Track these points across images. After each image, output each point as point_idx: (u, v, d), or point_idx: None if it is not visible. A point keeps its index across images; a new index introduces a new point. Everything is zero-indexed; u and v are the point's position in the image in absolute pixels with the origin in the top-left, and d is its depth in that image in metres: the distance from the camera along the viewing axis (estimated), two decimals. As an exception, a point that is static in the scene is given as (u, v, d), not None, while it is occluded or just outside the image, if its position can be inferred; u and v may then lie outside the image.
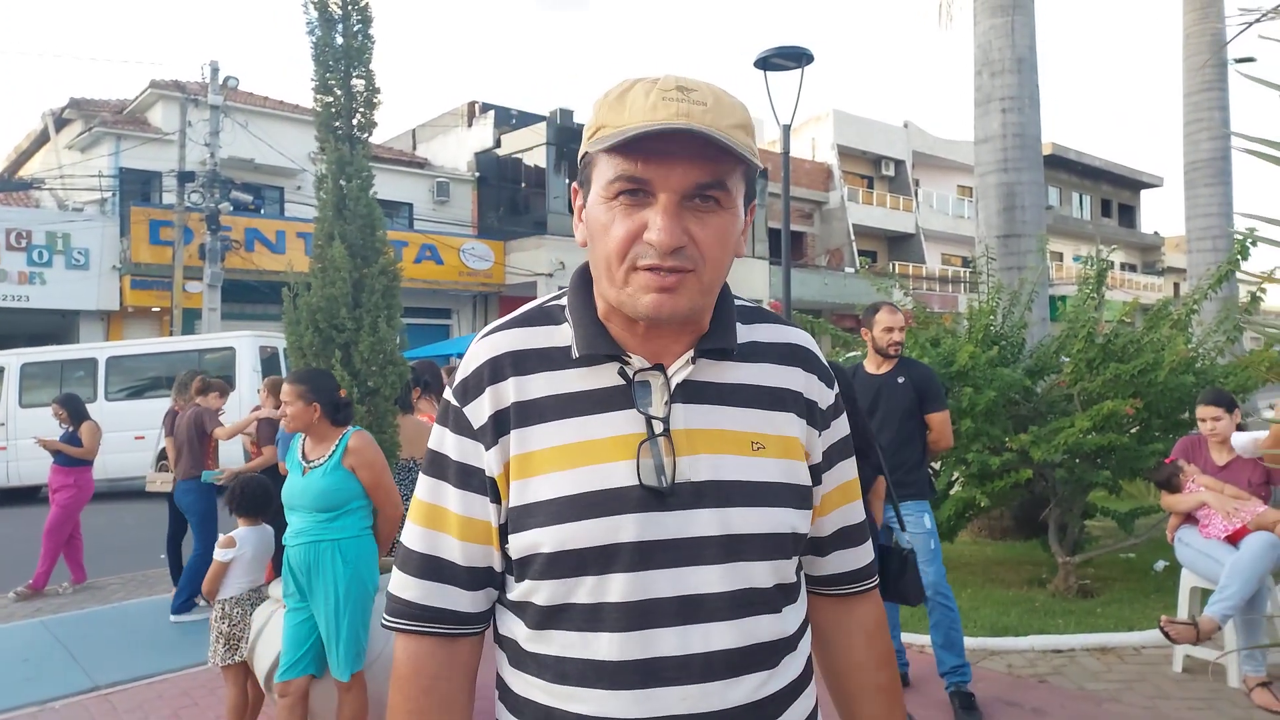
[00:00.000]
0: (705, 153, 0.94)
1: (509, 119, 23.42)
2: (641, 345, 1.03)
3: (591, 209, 1.00)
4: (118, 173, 17.62)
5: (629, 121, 0.93)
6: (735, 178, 0.98)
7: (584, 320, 1.04)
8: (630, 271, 0.96)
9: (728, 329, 1.06)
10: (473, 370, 1.05)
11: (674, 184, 0.94)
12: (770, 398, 1.08)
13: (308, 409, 3.32)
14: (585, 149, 1.00)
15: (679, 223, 0.94)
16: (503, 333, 1.08)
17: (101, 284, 16.85)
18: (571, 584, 0.98)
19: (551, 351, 1.05)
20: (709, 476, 1.01)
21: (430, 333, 20.60)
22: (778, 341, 1.12)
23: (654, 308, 0.95)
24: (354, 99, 4.23)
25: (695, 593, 0.98)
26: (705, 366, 1.05)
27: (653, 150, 0.93)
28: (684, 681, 0.97)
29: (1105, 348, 5.60)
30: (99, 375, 12.94)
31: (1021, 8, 7.93)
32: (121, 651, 5.22)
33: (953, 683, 3.92)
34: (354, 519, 3.29)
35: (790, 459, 1.07)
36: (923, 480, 4.10)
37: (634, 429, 1.00)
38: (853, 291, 23.74)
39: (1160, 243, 41.71)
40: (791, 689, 1.06)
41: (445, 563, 1.04)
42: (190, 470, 6.04)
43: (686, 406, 1.03)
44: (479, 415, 1.03)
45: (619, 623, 0.97)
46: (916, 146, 31.79)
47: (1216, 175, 10.35)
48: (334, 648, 3.21)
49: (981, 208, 8.04)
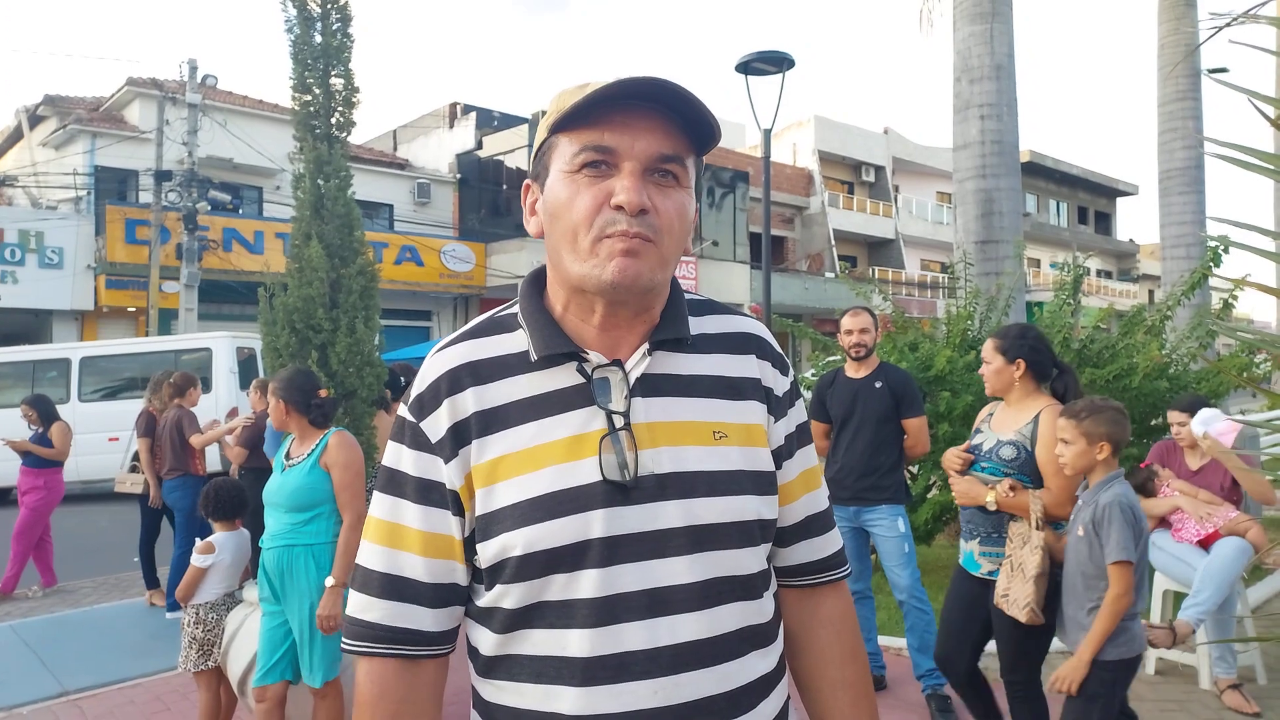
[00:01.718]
0: (666, 127, 0.98)
1: (491, 121, 23.36)
2: (598, 339, 1.04)
3: (552, 189, 1.02)
4: (93, 171, 17.41)
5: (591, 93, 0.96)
6: (690, 161, 1.02)
7: (539, 322, 1.05)
8: (596, 241, 0.98)
9: (680, 320, 1.08)
10: (428, 385, 1.05)
11: (638, 151, 0.97)
12: (729, 387, 1.09)
13: (276, 405, 3.32)
14: (544, 134, 1.03)
15: (645, 189, 0.97)
16: (456, 346, 1.08)
17: (76, 283, 16.63)
18: (542, 584, 0.98)
19: (508, 359, 1.05)
20: (671, 468, 1.01)
21: (410, 335, 20.48)
22: (731, 331, 1.14)
23: (620, 271, 0.97)
24: (333, 98, 4.21)
25: (662, 585, 0.99)
26: (662, 359, 1.06)
27: (617, 119, 0.97)
28: (654, 674, 0.97)
29: (1080, 353, 5.65)
30: (72, 376, 12.76)
31: (1000, 16, 8.00)
32: (92, 656, 5.14)
33: (929, 685, 3.94)
34: (329, 524, 3.25)
35: (753, 446, 1.07)
36: (898, 484, 4.12)
37: (595, 426, 1.01)
38: (833, 296, 23.87)
39: (1135, 250, 42.23)
40: (764, 682, 1.06)
41: (408, 581, 1.03)
42: (175, 468, 6.00)
43: (646, 400, 1.03)
44: (436, 429, 1.03)
45: (589, 618, 0.97)
46: (896, 153, 32.02)
47: (1190, 183, 10.49)
48: (307, 654, 3.17)
49: (960, 214, 8.10)
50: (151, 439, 6.24)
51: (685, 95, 0.97)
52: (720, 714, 1.01)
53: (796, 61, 8.84)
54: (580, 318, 1.05)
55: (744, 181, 24.84)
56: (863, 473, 4.07)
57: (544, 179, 1.04)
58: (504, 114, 23.60)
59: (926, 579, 4.30)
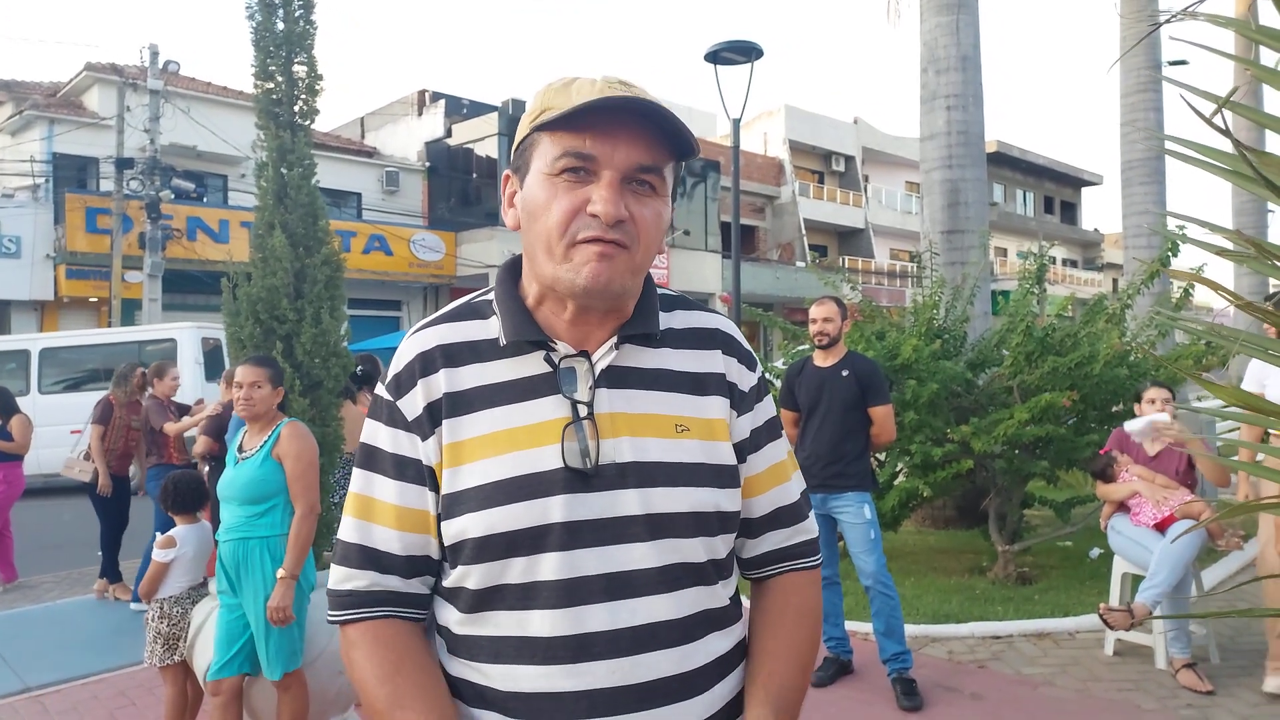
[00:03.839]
0: (647, 138, 1.01)
1: (460, 109, 23.14)
2: (568, 331, 1.07)
3: (531, 189, 1.04)
4: (51, 158, 17.02)
5: (577, 103, 0.98)
6: (668, 170, 1.05)
7: (511, 310, 1.08)
8: (571, 246, 1.00)
9: (650, 316, 1.10)
10: (404, 365, 1.08)
11: (618, 161, 0.99)
12: (692, 382, 1.11)
13: (274, 394, 3.29)
14: (527, 131, 1.05)
15: (622, 198, 1.00)
16: (432, 328, 1.11)
17: (34, 273, 16.28)
18: (502, 566, 1.01)
19: (480, 344, 1.08)
20: (632, 458, 1.04)
21: (380, 325, 20.29)
22: (699, 327, 1.16)
23: (593, 276, 0.99)
24: (296, 85, 4.14)
25: (622, 569, 1.01)
26: (629, 352, 1.09)
27: (600, 127, 0.99)
28: (613, 655, 1.00)
29: (1044, 341, 5.75)
30: (32, 367, 12.51)
31: (966, 7, 8.07)
32: (54, 651, 5.07)
33: (894, 669, 4.00)
34: (284, 515, 3.22)
35: (714, 440, 1.10)
36: (864, 472, 4.17)
37: (560, 414, 1.04)
38: (804, 286, 23.97)
39: (1100, 239, 42.88)
40: (721, 663, 1.08)
41: (383, 554, 1.06)
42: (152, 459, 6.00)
43: (610, 391, 1.06)
44: (413, 407, 1.06)
45: (551, 600, 1.00)
46: (866, 142, 32.20)
47: (1151, 174, 10.66)
48: (264, 647, 3.15)
49: (927, 204, 8.18)
50: (105, 427, 6.22)
51: (666, 115, 0.99)
52: (674, 695, 1.03)
53: (765, 51, 8.87)
54: (552, 311, 1.07)
55: (715, 171, 24.85)
56: (829, 460, 4.12)
57: (524, 174, 1.06)
58: (473, 101, 23.37)
59: (892, 565, 4.37)
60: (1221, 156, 1.13)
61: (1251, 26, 0.95)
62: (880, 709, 3.90)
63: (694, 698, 1.05)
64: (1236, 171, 1.11)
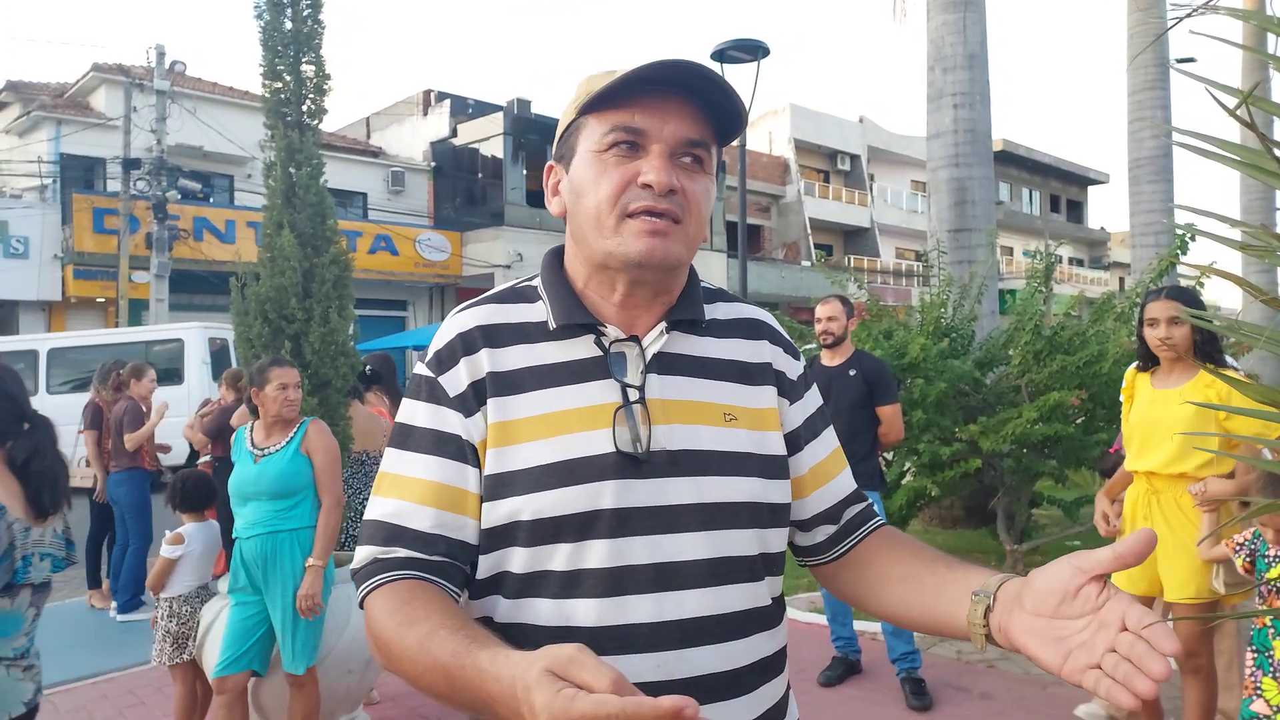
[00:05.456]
0: (694, 113, 1.01)
1: (465, 108, 23.16)
2: (616, 315, 1.06)
3: (578, 169, 1.03)
4: (58, 158, 17.08)
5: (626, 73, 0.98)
6: (713, 149, 1.05)
7: (560, 294, 1.07)
8: (621, 219, 1.00)
9: (696, 302, 1.10)
10: (445, 344, 1.06)
11: (668, 135, 0.99)
12: (741, 371, 1.10)
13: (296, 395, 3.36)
14: (572, 116, 1.05)
15: (673, 169, 1.00)
16: (472, 310, 1.09)
17: (42, 273, 16.34)
18: (549, 551, 0.98)
19: (526, 326, 1.07)
20: (684, 445, 1.02)
21: (386, 325, 20.32)
22: (742, 318, 1.16)
23: (647, 252, 0.99)
24: (304, 85, 4.15)
25: (670, 560, 0.99)
26: (678, 339, 1.08)
27: (648, 103, 0.99)
28: (658, 648, 0.97)
29: (1052, 340, 5.73)
30: (40, 367, 12.56)
31: (973, 4, 8.05)
32: (64, 651, 5.08)
33: (903, 669, 3.99)
34: (309, 508, 3.28)
35: (763, 430, 1.08)
36: (872, 471, 4.17)
37: (610, 398, 1.02)
38: (809, 285, 23.95)
39: (1107, 238, 42.74)
40: (767, 664, 1.06)
41: (414, 531, 1.00)
42: (123, 462, 5.84)
43: (661, 377, 1.05)
44: (456, 384, 1.03)
45: (596, 589, 0.97)
46: (872, 141, 32.13)
47: (1159, 172, 10.63)
48: (289, 640, 3.16)
49: (933, 202, 8.16)
50: (98, 431, 6.07)
51: (718, 82, 0.99)
52: (721, 692, 1.00)
53: (772, 50, 8.85)
54: (600, 295, 1.06)
55: (721, 170, 24.82)
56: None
57: (569, 159, 1.06)
58: (478, 101, 23.40)
59: (900, 564, 4.35)
60: (1235, 150, 1.12)
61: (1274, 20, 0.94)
62: (889, 709, 3.90)
63: (741, 696, 1.01)
64: (1253, 164, 1.11)
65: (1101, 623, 0.79)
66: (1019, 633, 0.85)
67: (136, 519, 5.84)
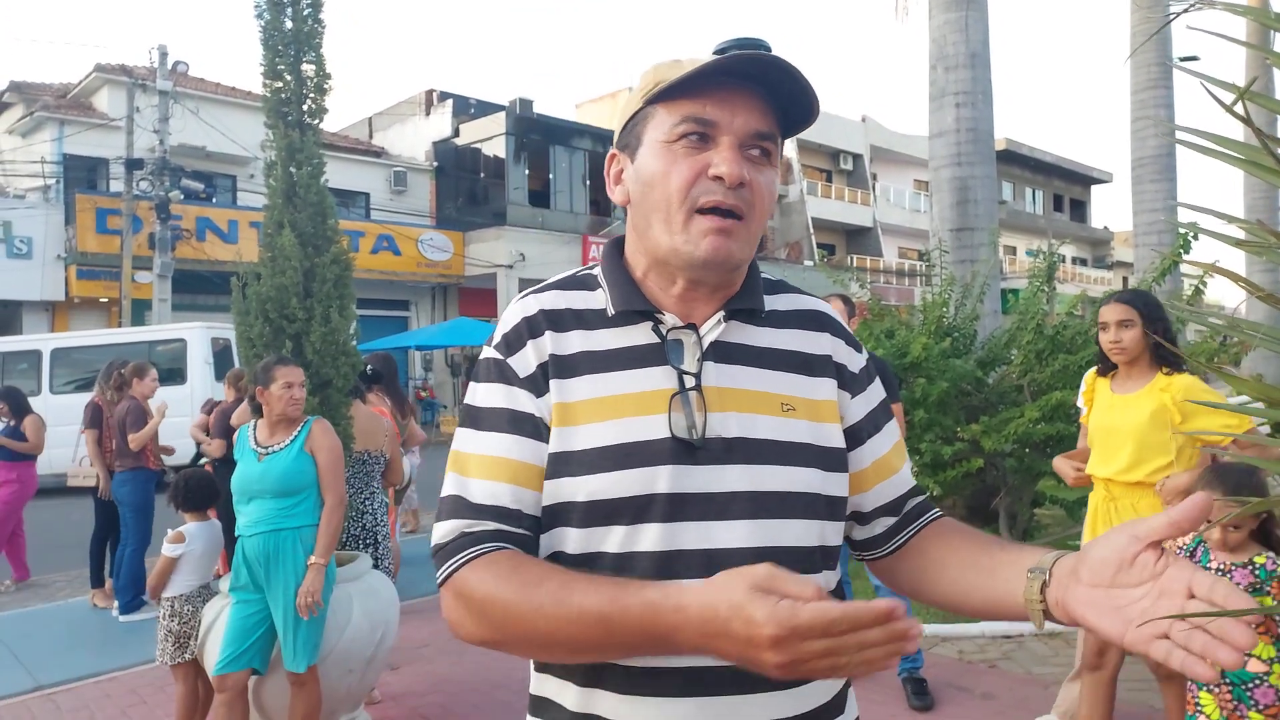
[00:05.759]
0: (763, 106, 1.01)
1: (468, 108, 23.18)
2: (675, 305, 1.07)
3: (645, 160, 1.04)
4: (61, 159, 17.13)
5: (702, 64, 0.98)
6: (779, 141, 1.06)
7: (619, 281, 1.08)
8: (690, 216, 1.00)
9: (756, 293, 1.10)
10: (511, 327, 1.08)
11: (738, 127, 1.00)
12: (800, 361, 1.10)
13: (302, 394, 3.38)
14: (639, 105, 1.05)
15: (743, 161, 1.00)
16: (534, 295, 1.11)
17: (45, 274, 16.38)
18: (603, 533, 0.99)
19: (586, 312, 1.08)
20: (739, 433, 1.02)
21: (389, 325, 20.35)
22: (803, 309, 1.16)
23: (711, 252, 1.00)
24: (304, 84, 4.15)
25: (720, 547, 0.98)
26: (735, 328, 1.08)
27: (719, 94, 0.99)
28: None
29: (1054, 339, 5.72)
30: (44, 367, 12.58)
31: (975, 3, 8.04)
32: (66, 650, 5.10)
33: (904, 669, 3.98)
34: (312, 506, 3.29)
35: (821, 422, 1.08)
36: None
37: (667, 384, 1.02)
38: (812, 284, 23.83)
39: (1110, 237, 42.68)
40: None
41: (498, 507, 1.01)
42: (128, 462, 5.83)
43: (718, 365, 1.05)
44: (525, 365, 1.05)
45: (646, 573, 0.96)
46: (874, 141, 32.10)
47: (1162, 171, 10.62)
48: (291, 638, 3.16)
49: (936, 201, 8.15)
50: (99, 430, 6.08)
51: (794, 74, 0.99)
52: (772, 682, 0.95)
53: (773, 49, 8.83)
54: (659, 286, 1.07)
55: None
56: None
57: (634, 149, 1.06)
58: (481, 101, 23.42)
59: (902, 563, 4.35)
60: (1235, 147, 1.12)
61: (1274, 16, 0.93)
62: (891, 708, 3.89)
63: (792, 688, 1.00)
64: (1254, 161, 1.10)
65: (1162, 590, 0.77)
66: (1077, 605, 0.84)
67: (137, 519, 5.84)
